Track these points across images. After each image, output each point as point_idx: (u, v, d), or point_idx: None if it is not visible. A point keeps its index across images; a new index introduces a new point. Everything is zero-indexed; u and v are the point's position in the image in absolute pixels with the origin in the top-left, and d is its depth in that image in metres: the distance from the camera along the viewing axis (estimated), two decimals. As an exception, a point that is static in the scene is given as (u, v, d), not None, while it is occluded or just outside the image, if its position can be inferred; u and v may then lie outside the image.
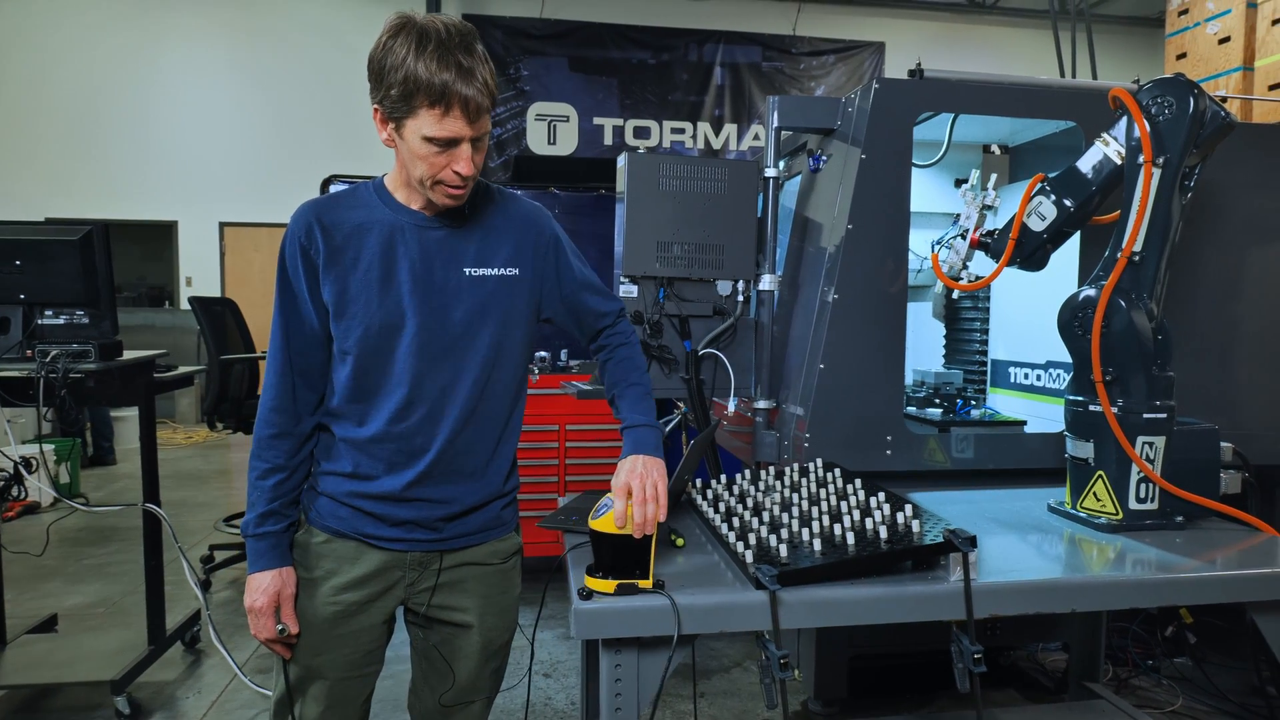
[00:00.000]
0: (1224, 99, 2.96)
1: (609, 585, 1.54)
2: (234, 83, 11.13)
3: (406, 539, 1.73)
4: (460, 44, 1.51)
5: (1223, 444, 2.21)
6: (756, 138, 12.13)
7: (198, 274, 11.18)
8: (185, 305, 11.04)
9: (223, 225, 11.22)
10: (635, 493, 1.58)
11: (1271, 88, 6.31)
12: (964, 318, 3.32)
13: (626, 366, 1.90)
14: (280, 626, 1.68)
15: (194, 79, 11.03)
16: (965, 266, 2.48)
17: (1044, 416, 2.91)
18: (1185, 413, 2.24)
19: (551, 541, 4.53)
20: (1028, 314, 3.13)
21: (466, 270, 1.70)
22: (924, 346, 3.46)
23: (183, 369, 3.39)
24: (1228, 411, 2.66)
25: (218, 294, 10.83)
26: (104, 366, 2.79)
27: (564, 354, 4.96)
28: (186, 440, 9.43)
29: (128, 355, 3.00)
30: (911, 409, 2.93)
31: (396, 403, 1.67)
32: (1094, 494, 2.13)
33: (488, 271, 1.72)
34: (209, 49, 11.05)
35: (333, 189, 5.23)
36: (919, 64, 2.57)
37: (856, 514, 1.86)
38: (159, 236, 11.29)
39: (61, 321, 2.92)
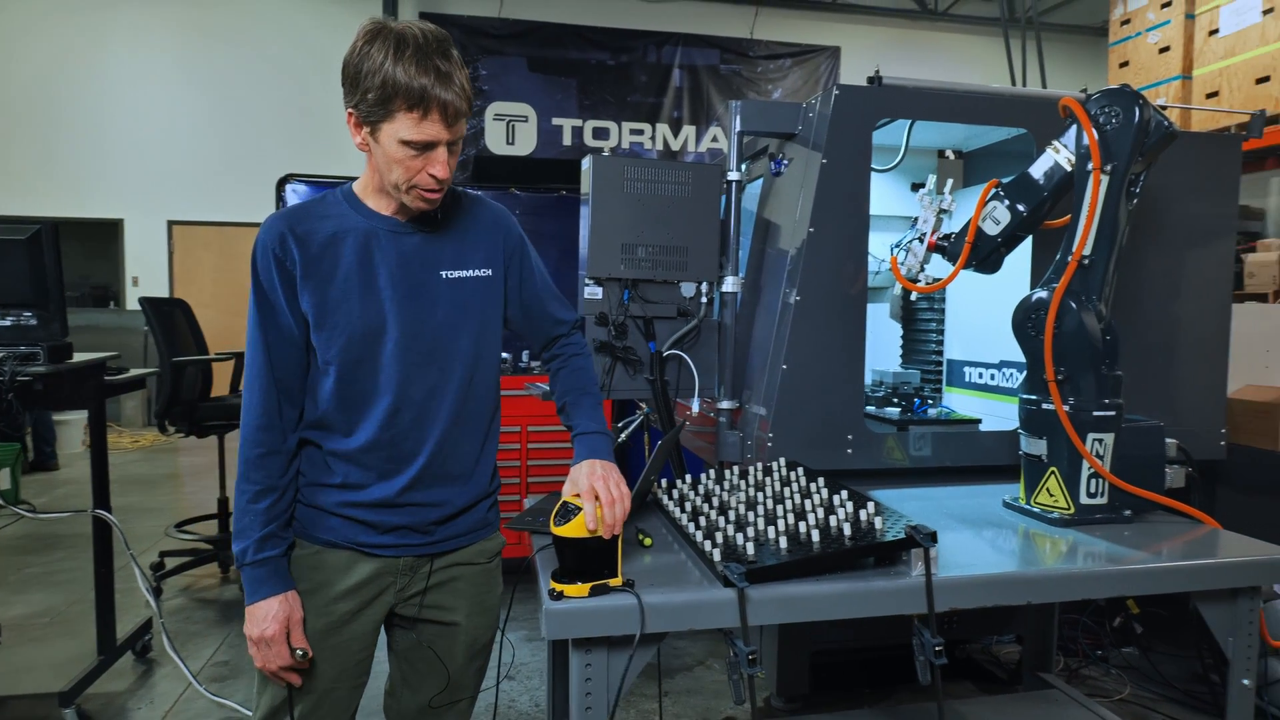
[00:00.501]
0: (1164, 107, 3.08)
1: (582, 589, 1.56)
2: (183, 79, 10.90)
3: (399, 544, 1.73)
4: (438, 49, 1.53)
5: (1167, 440, 2.29)
6: (715, 140, 12.22)
7: (145, 273, 10.93)
8: (131, 305, 10.79)
9: (171, 224, 10.99)
10: (602, 494, 1.60)
11: (1209, 96, 6.53)
12: (920, 319, 3.40)
13: (581, 376, 1.94)
14: (299, 651, 1.65)
15: (141, 74, 10.78)
16: (923, 269, 2.54)
17: (998, 415, 2.99)
18: (1130, 411, 2.33)
19: (513, 544, 4.54)
20: (982, 315, 3.21)
21: (443, 273, 1.72)
22: (881, 347, 3.53)
23: (134, 371, 3.31)
24: (1168, 409, 2.76)
25: (165, 294, 10.61)
26: (53, 369, 2.72)
27: (525, 355, 4.96)
28: (133, 444, 9.22)
29: (78, 358, 2.93)
30: (870, 408, 2.99)
31: (384, 410, 1.67)
32: (1047, 489, 2.20)
33: (464, 273, 1.74)
34: (156, 44, 10.81)
35: (289, 189, 5.17)
36: (877, 71, 2.62)
37: (820, 512, 1.90)
38: (104, 235, 11.01)
39: (9, 323, 2.84)
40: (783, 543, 1.74)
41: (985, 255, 2.37)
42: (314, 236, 1.65)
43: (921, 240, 2.52)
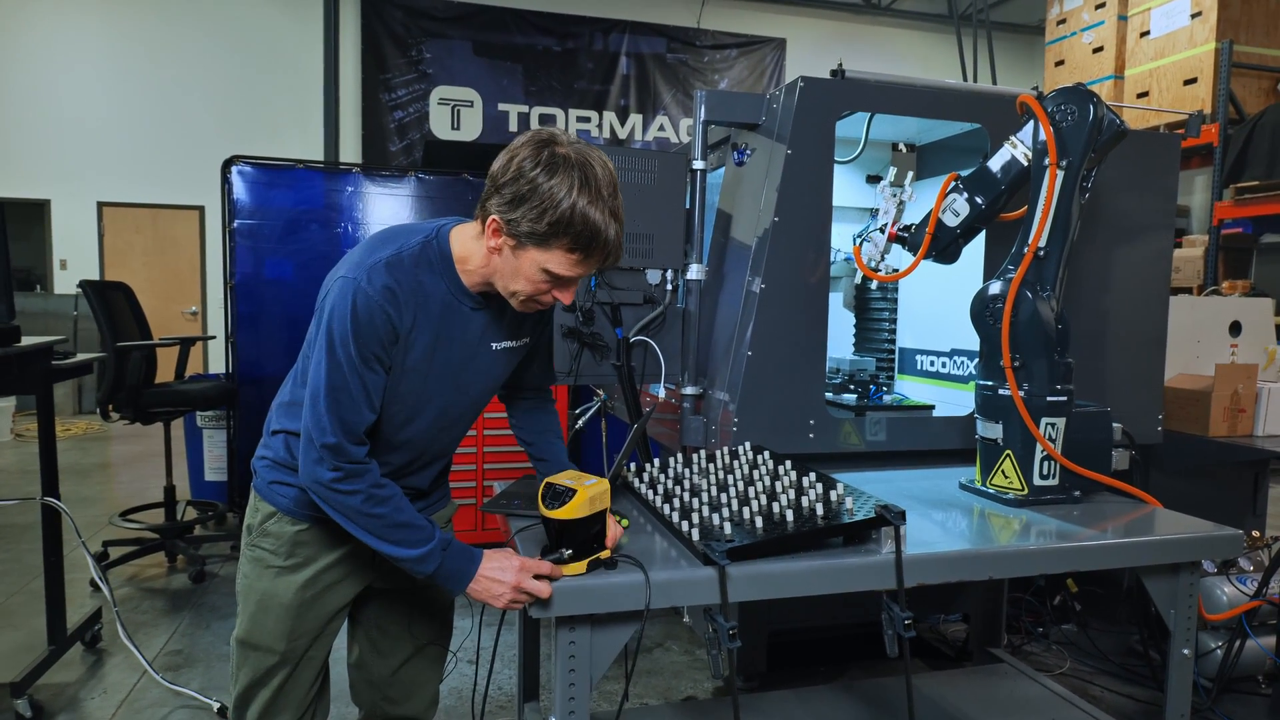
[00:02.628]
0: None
1: (579, 566, 1.60)
2: (113, 56, 10.51)
3: None
4: (614, 191, 1.54)
5: (1113, 425, 2.41)
6: (661, 128, 12.26)
7: (73, 256, 10.54)
8: (60, 289, 10.41)
9: (101, 205, 10.61)
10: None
11: (1139, 95, 6.80)
12: (873, 308, 3.49)
13: (554, 420, 2.07)
14: (558, 554, 1.61)
15: (69, 51, 10.36)
16: (883, 259, 2.62)
17: (950, 401, 3.09)
18: (1076, 397, 2.44)
19: (468, 530, 4.53)
20: (933, 305, 3.31)
21: (494, 345, 1.77)
22: (834, 335, 3.61)
23: (82, 356, 3.22)
24: (1110, 396, 2.89)
25: (95, 277, 10.25)
26: (1, 353, 2.63)
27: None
28: (64, 433, 8.91)
29: (25, 342, 2.84)
30: (828, 395, 3.07)
31: (403, 453, 1.75)
32: (1002, 471, 2.30)
33: (511, 344, 1.81)
34: (84, 17, 10.40)
35: (235, 171, 5.05)
36: (840, 64, 2.68)
37: (792, 493, 1.96)
38: (29, 216, 10.57)
39: (-49, 307, 2.75)
40: (758, 523, 1.80)
41: (945, 246, 2.45)
42: (415, 301, 1.61)
43: (882, 231, 2.59)
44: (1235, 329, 3.91)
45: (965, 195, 2.40)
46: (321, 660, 1.85)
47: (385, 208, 5.37)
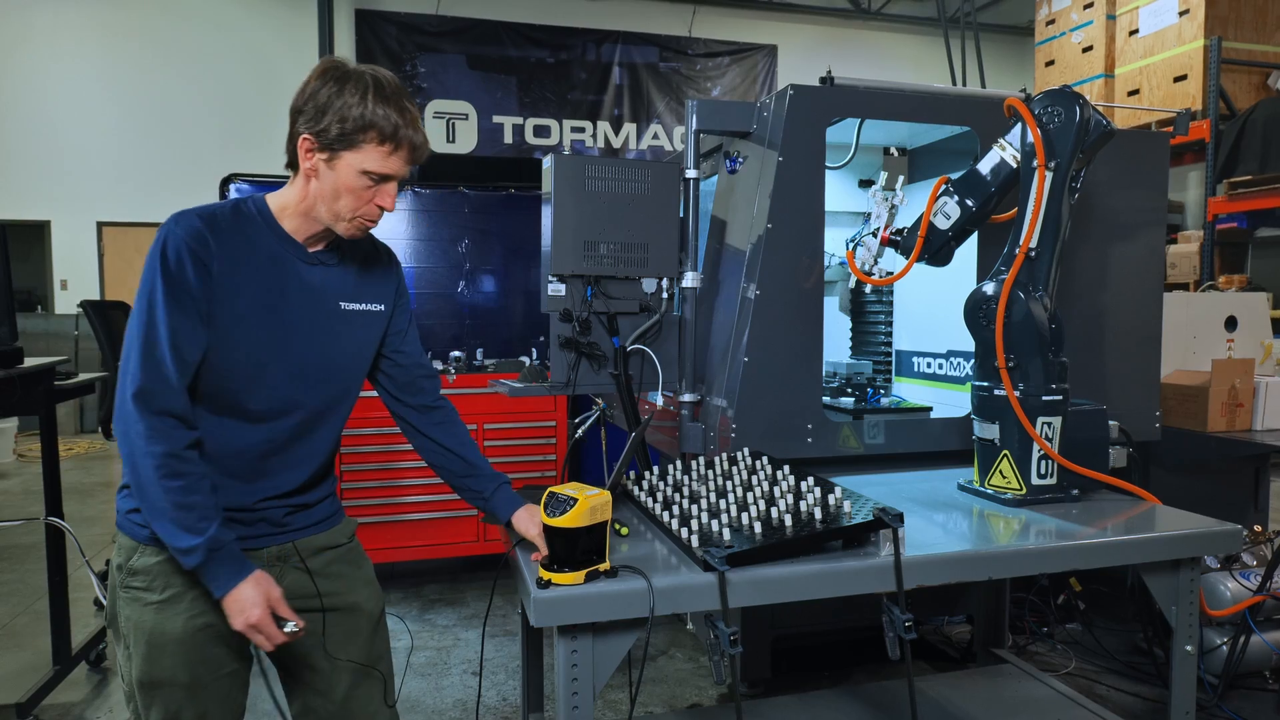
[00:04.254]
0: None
1: (576, 576, 1.60)
2: (111, 77, 10.57)
3: (256, 536, 1.74)
4: (408, 95, 1.68)
5: (1110, 423, 2.41)
6: (655, 137, 12.30)
7: (74, 276, 10.58)
8: (60, 309, 10.44)
9: (101, 225, 10.65)
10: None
11: (1130, 94, 6.83)
12: (869, 311, 3.50)
13: (470, 440, 2.01)
14: (289, 625, 1.61)
15: (67, 73, 10.42)
16: (876, 262, 2.64)
17: (947, 403, 3.10)
18: (1072, 396, 2.44)
19: (470, 541, 4.54)
20: (929, 306, 3.32)
21: (342, 305, 1.78)
22: (831, 339, 3.62)
23: (84, 376, 3.24)
24: (1107, 394, 2.90)
25: (96, 297, 10.27)
26: (4, 375, 2.65)
27: (479, 353, 4.96)
28: (66, 452, 8.92)
29: (28, 363, 2.86)
30: (826, 398, 3.08)
31: (261, 428, 1.70)
32: (1000, 472, 2.31)
33: (359, 307, 1.82)
34: (81, 41, 10.46)
35: (233, 188, 5.08)
36: (829, 71, 2.70)
37: (790, 498, 1.97)
38: (29, 237, 10.61)
39: (-43, 329, 2.76)
40: (757, 528, 1.80)
41: (937, 248, 2.47)
42: (231, 246, 1.64)
43: (875, 235, 2.61)
44: (1231, 324, 3.92)
45: (956, 198, 2.42)
46: (236, 702, 1.77)
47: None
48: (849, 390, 3.16)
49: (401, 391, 1.95)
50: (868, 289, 3.43)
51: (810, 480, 2.07)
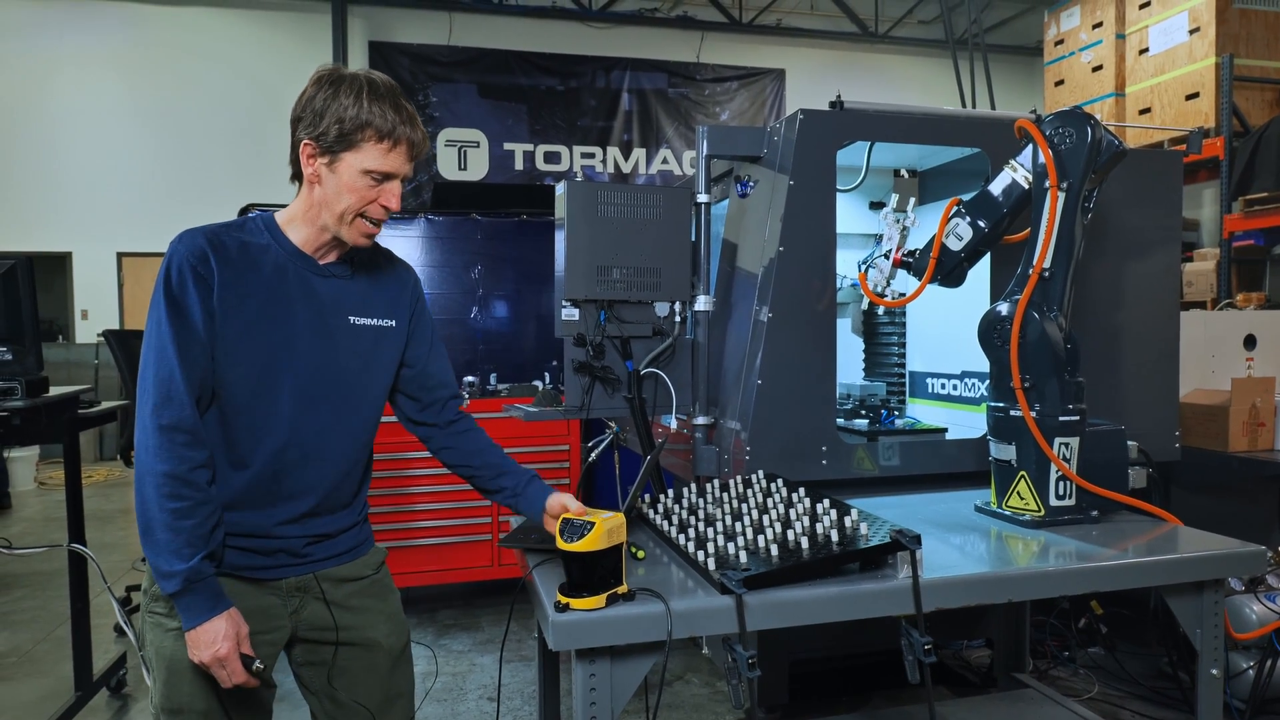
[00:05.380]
0: (1107, 125, 3.27)
1: (597, 601, 1.60)
2: (130, 110, 10.75)
3: (276, 566, 1.73)
4: (403, 95, 1.70)
5: (1129, 443, 2.40)
6: (665, 162, 12.38)
7: (94, 306, 10.71)
8: (81, 339, 10.55)
9: (120, 255, 10.78)
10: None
11: (1141, 112, 6.82)
12: (882, 333, 3.50)
13: (495, 444, 2.02)
14: (255, 664, 1.61)
15: (88, 107, 10.61)
16: (889, 284, 2.64)
17: (962, 424, 3.08)
18: (1090, 416, 2.43)
19: (484, 566, 4.53)
20: (942, 327, 3.32)
21: (351, 319, 1.77)
22: (843, 361, 3.61)
23: (106, 404, 3.27)
24: (1126, 414, 2.88)
25: (116, 327, 10.38)
26: (30, 404, 2.68)
27: (493, 379, 4.97)
28: (86, 480, 8.95)
29: (52, 392, 2.89)
30: (840, 420, 3.07)
31: (273, 446, 1.68)
32: (1017, 493, 2.29)
33: (369, 321, 1.81)
34: (102, 74, 10.66)
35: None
36: (839, 96, 2.72)
37: (806, 520, 1.96)
38: (51, 269, 10.76)
39: (-14, 358, 2.79)
40: (773, 550, 1.80)
41: (949, 270, 2.47)
42: (235, 256, 1.65)
43: (887, 257, 2.61)
44: (1250, 342, 3.89)
45: (968, 219, 2.42)
46: None
47: (396, 248, 5.33)
48: (863, 412, 3.15)
49: (423, 413, 1.96)
50: (880, 310, 3.43)
51: (826, 502, 2.07)
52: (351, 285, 1.79)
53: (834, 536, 1.84)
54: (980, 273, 2.73)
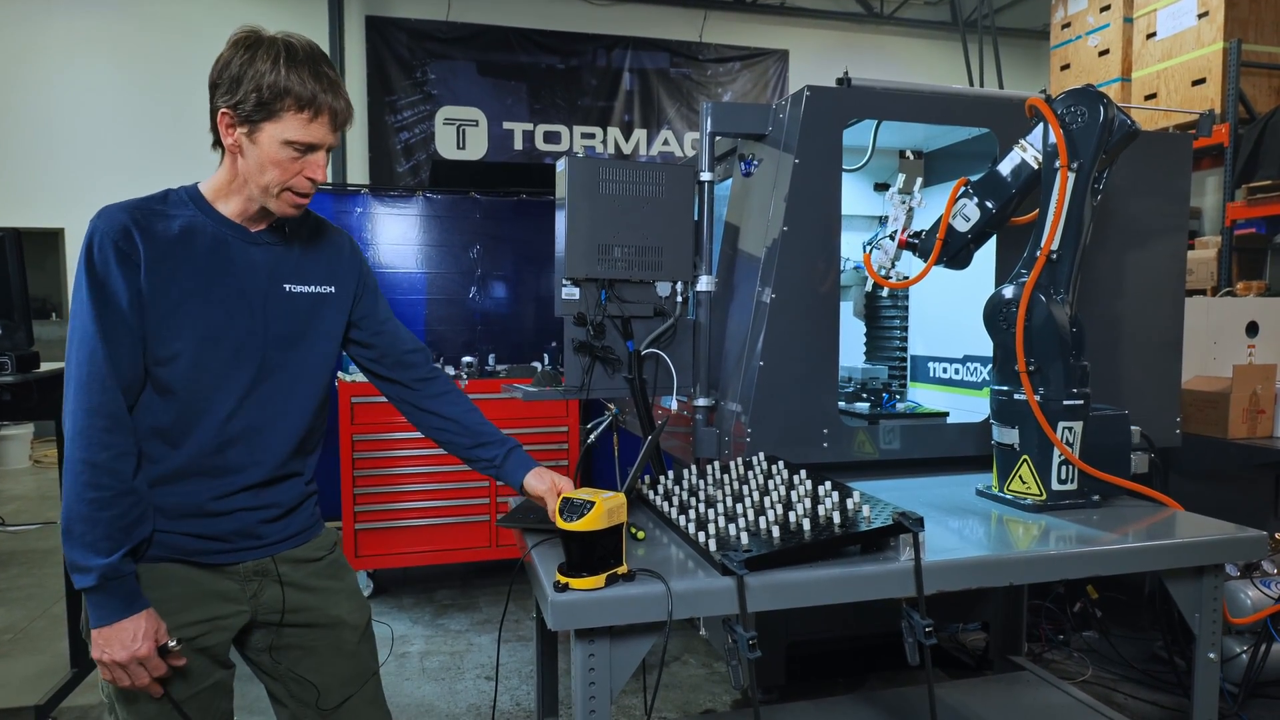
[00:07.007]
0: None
1: (597, 580, 1.59)
2: (125, 86, 10.62)
3: (230, 550, 1.69)
4: (324, 60, 1.63)
5: (1132, 428, 2.38)
6: (666, 143, 12.29)
7: (87, 283, 10.63)
8: (74, 316, 10.49)
9: (114, 231, 10.70)
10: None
11: (1148, 97, 6.78)
12: (884, 316, 3.48)
13: (473, 406, 2.00)
14: (174, 644, 1.56)
15: (80, 83, 10.48)
16: (894, 266, 2.61)
17: (964, 408, 3.07)
18: (1093, 401, 2.42)
19: (482, 546, 4.53)
20: (945, 311, 3.30)
21: (286, 286, 1.73)
22: (845, 344, 3.59)
23: (98, 380, 3.24)
24: (1127, 399, 2.87)
25: (110, 303, 10.33)
26: (21, 379, 2.66)
27: (491, 359, 4.95)
28: (80, 457, 8.96)
29: (44, 368, 2.87)
30: (841, 403, 3.06)
31: (218, 419, 1.65)
32: (1020, 477, 2.28)
33: (307, 288, 1.76)
34: (94, 49, 10.53)
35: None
36: (846, 73, 2.68)
37: (808, 502, 1.94)
38: (43, 245, 10.67)
39: (-26, 334, 2.77)
40: (775, 532, 1.78)
41: (956, 251, 2.44)
42: (161, 231, 1.60)
43: (892, 238, 2.58)
44: (1252, 329, 3.88)
45: (975, 200, 2.39)
46: (220, 710, 1.75)
47: (394, 227, 5.39)
48: (864, 395, 3.14)
49: (391, 370, 1.93)
50: (883, 293, 3.41)
51: (828, 485, 2.05)
52: (286, 253, 1.74)
53: (836, 518, 1.83)
54: (983, 257, 2.71)
